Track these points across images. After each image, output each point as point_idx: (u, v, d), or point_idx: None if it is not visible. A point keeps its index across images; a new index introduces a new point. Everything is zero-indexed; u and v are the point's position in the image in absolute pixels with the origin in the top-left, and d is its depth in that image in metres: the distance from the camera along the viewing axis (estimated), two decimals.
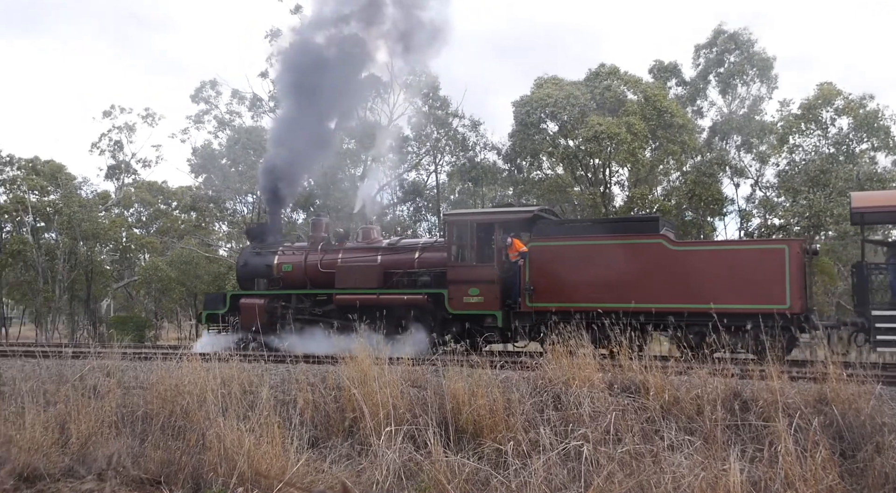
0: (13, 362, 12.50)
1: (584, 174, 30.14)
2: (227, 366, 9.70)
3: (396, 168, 36.60)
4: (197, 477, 7.01)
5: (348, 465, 7.35)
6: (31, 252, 37.54)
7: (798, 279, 13.66)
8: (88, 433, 8.07)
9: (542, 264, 15.64)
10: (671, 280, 14.40)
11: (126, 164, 47.11)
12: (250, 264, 19.61)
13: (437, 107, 33.93)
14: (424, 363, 10.37)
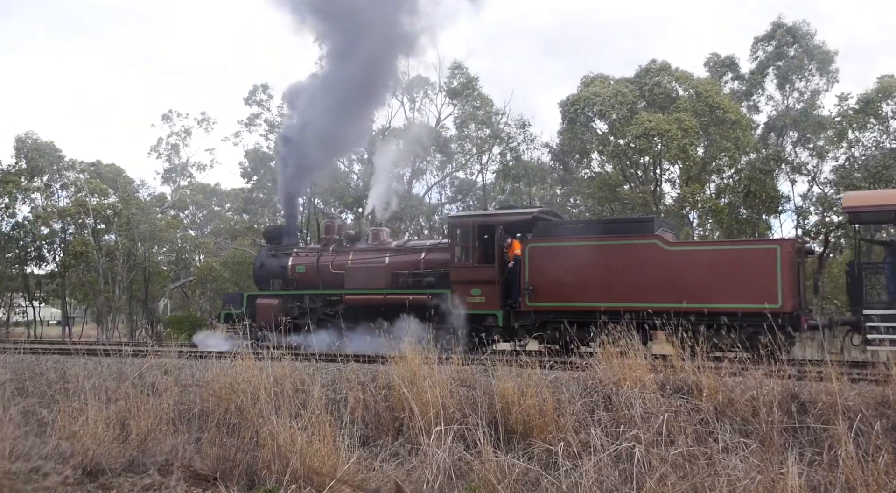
0: (76, 359, 12.96)
1: (633, 172, 29.77)
2: (280, 365, 9.87)
3: (444, 168, 36.73)
4: (251, 474, 7.15)
5: (398, 464, 7.41)
6: (93, 253, 38.78)
7: (790, 279, 13.70)
8: (147, 430, 8.29)
9: (541, 264, 15.91)
10: (666, 280, 14.55)
11: (182, 167, 48.30)
12: (266, 266, 20.26)
13: (479, 107, 33.93)
14: (473, 363, 10.41)
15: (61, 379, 11.15)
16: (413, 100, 37.52)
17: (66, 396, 9.41)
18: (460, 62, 35.16)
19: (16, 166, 43.71)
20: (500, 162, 34.62)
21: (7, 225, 43.74)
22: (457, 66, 34.81)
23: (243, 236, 39.91)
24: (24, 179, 43.73)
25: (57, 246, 43.63)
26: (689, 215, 29.27)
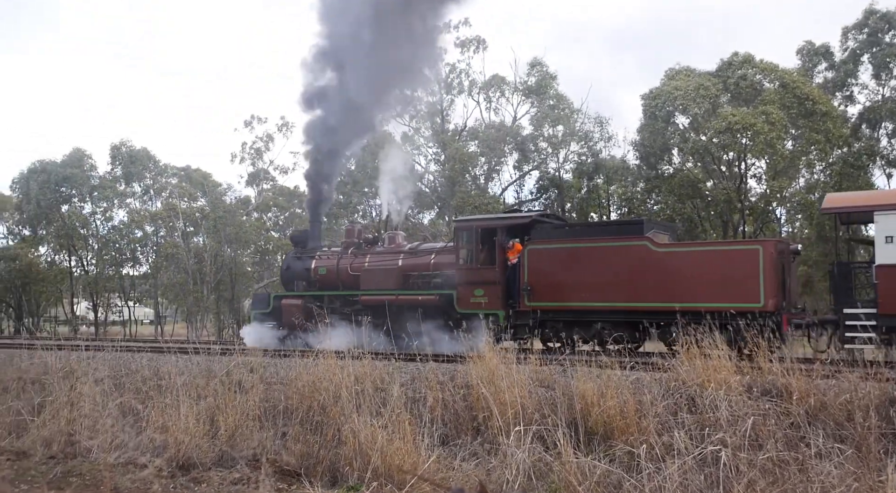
0: (168, 357, 13.51)
1: (717, 168, 28.90)
2: (360, 364, 10.02)
3: (520, 167, 36.56)
4: (334, 470, 7.28)
5: (478, 463, 7.41)
6: (183, 255, 40.35)
7: (772, 278, 14.12)
8: (235, 426, 8.56)
9: (538, 265, 16.62)
10: (655, 280, 15.02)
11: (264, 171, 49.70)
12: (292, 268, 21.63)
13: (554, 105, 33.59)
14: (552, 363, 10.32)
15: (155, 376, 11.64)
16: (489, 99, 37.54)
17: (160, 392, 9.82)
18: (540, 59, 34.95)
19: (112, 173, 46.01)
20: (577, 161, 34.22)
21: (104, 228, 46.10)
22: (536, 63, 34.60)
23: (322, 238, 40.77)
24: (120, 184, 46.01)
25: (149, 248, 45.70)
26: (777, 212, 28.20)
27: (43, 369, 12.71)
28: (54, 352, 13.79)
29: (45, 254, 48.38)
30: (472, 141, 36.14)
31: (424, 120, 38.09)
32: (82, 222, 45.22)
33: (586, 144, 33.45)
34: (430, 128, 37.96)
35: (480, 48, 37.09)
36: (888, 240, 13.98)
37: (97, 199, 45.41)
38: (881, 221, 14.06)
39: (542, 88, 33.73)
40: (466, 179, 34.37)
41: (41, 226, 45.55)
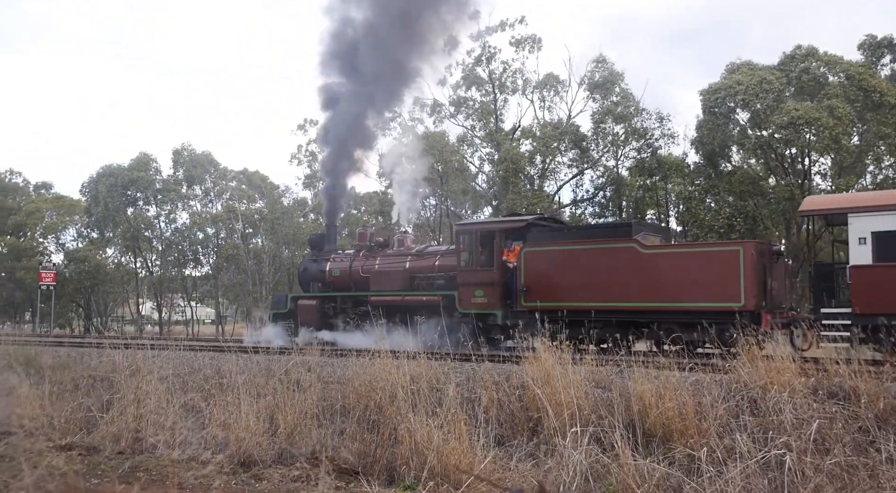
0: (229, 356, 13.83)
1: (779, 165, 28.10)
2: (416, 364, 10.08)
3: (576, 166, 36.21)
4: (391, 469, 7.34)
5: (534, 464, 7.37)
6: (242, 256, 41.22)
7: (753, 278, 14.57)
8: (294, 424, 8.71)
9: (534, 267, 17.31)
10: (643, 281, 15.58)
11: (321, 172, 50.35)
12: (309, 270, 22.68)
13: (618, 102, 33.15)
14: (608, 364, 10.21)
15: (216, 374, 11.93)
16: (543, 98, 37.30)
17: (221, 390, 10.05)
18: (605, 56, 34.60)
19: (174, 176, 47.34)
20: (636, 158, 33.72)
21: (168, 230, 47.46)
22: (601, 60, 34.24)
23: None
24: (182, 187, 47.30)
25: (210, 250, 46.87)
26: None
27: (111, 367, 13.16)
28: (121, 351, 14.26)
29: (113, 256, 50.08)
30: (525, 140, 35.95)
31: (478, 120, 38.08)
32: (147, 225, 46.65)
33: (646, 141, 32.94)
34: (484, 128, 37.93)
35: (535, 47, 36.92)
36: (861, 241, 14.31)
37: (161, 202, 46.77)
38: (854, 223, 14.41)
39: (607, 85, 33.32)
40: (521, 178, 34.20)
41: (109, 228, 47.12)
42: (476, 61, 37.52)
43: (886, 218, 14.07)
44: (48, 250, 52.51)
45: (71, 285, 46.55)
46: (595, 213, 36.51)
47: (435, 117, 39.09)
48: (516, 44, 36.95)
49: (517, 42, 36.92)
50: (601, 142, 34.14)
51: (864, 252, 14.20)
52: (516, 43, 36.93)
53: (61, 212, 52.22)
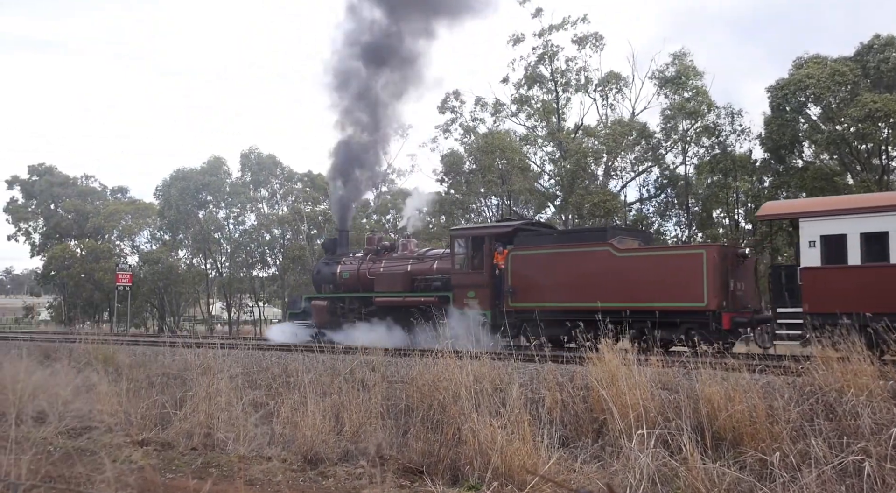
0: (296, 355, 14.12)
1: (854, 160, 27.04)
2: (479, 363, 10.09)
3: (641, 164, 35.62)
4: (455, 469, 7.36)
5: (600, 466, 7.29)
6: (307, 257, 41.96)
7: (715, 280, 15.60)
8: (359, 423, 8.83)
9: (520, 270, 18.44)
10: (618, 282, 16.65)
11: (383, 174, 50.86)
12: (322, 272, 24.14)
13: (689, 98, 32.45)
14: (674, 365, 10.03)
15: (283, 373, 12.19)
16: (605, 96, 36.84)
17: (288, 388, 10.27)
18: (681, 51, 33.94)
19: (242, 179, 48.54)
20: (705, 154, 32.96)
21: (237, 232, 48.72)
22: (678, 55, 33.61)
23: (438, 239, 41.33)
24: (249, 190, 48.47)
25: (277, 251, 47.89)
26: None
27: (183, 365, 13.59)
28: (193, 349, 14.70)
29: (184, 257, 51.69)
30: (587, 138, 35.54)
31: (540, 119, 37.84)
32: (217, 227, 47.97)
33: (717, 137, 32.15)
34: (546, 126, 37.67)
35: (598, 45, 36.50)
36: (811, 245, 15.15)
37: (230, 204, 48.04)
38: (804, 228, 15.24)
39: (679, 80, 32.64)
40: (586, 175, 33.84)
41: (180, 231, 48.65)
42: (539, 59, 37.32)
43: (833, 222, 14.95)
44: (124, 252, 54.59)
45: (145, 286, 48.25)
46: (660, 211, 35.89)
47: (496, 117, 39.02)
48: (578, 41, 36.58)
49: (579, 40, 36.55)
50: (669, 139, 33.49)
51: (813, 255, 15.02)
52: (578, 41, 36.57)
53: (136, 215, 54.19)
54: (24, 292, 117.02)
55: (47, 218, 60.19)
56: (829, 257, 14.85)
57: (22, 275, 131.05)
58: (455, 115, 39.73)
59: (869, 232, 14.49)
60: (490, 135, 36.07)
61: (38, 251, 60.28)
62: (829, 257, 14.85)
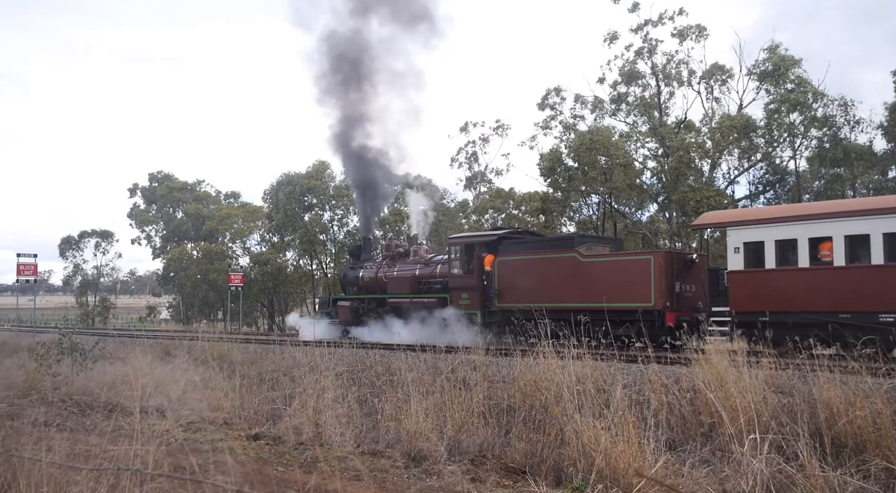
0: (398, 354, 14.37)
1: None
2: (581, 364, 9.96)
3: (748, 158, 34.20)
4: (558, 470, 7.30)
5: (709, 471, 7.05)
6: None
7: (661, 283, 17.62)
8: (461, 422, 8.89)
9: (504, 274, 20.87)
10: (583, 285, 18.96)
11: (481, 174, 50.94)
12: (347, 276, 27.02)
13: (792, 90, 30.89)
14: (789, 368, 9.63)
15: (387, 372, 12.44)
16: (710, 89, 35.60)
17: (391, 387, 10.46)
18: (777, 42, 32.49)
19: (345, 181, 49.80)
20: (816, 147, 31.30)
21: (341, 234, 50.03)
22: (773, 47, 32.17)
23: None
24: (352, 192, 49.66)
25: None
26: None
27: (292, 362, 14.10)
28: (301, 348, 15.23)
29: (291, 258, 53.53)
30: (689, 133, 34.43)
31: (640, 115, 36.96)
32: (322, 229, 49.42)
33: (829, 129, 30.46)
34: (647, 122, 36.76)
35: (700, 36, 35.32)
36: (736, 250, 16.90)
37: (334, 207, 49.40)
38: (731, 236, 17.08)
39: (779, 72, 31.21)
40: (691, 170, 32.79)
41: (288, 233, 50.41)
42: (637, 54, 36.46)
43: (754, 231, 16.71)
44: (236, 254, 57.08)
45: (256, 286, 50.27)
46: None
47: (596, 114, 38.40)
48: (679, 35, 35.52)
49: (679, 33, 35.48)
50: (776, 132, 32.00)
51: (738, 259, 16.84)
52: (679, 33, 35.50)
53: (247, 218, 56.58)
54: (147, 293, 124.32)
55: (166, 222, 63.81)
56: (750, 261, 16.69)
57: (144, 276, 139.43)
58: (555, 112, 39.36)
59: (782, 239, 16.27)
60: (592, 132, 35.52)
61: (158, 254, 64.06)
62: (750, 261, 16.69)
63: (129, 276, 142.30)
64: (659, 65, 36.02)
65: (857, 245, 15.58)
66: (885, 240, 15.08)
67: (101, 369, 14.59)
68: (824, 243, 15.87)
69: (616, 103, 37.28)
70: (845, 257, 15.55)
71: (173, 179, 64.68)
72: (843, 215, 15.79)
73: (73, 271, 70.97)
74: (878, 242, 15.13)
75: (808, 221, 16.12)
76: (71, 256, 70.79)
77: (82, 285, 70.47)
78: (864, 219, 15.41)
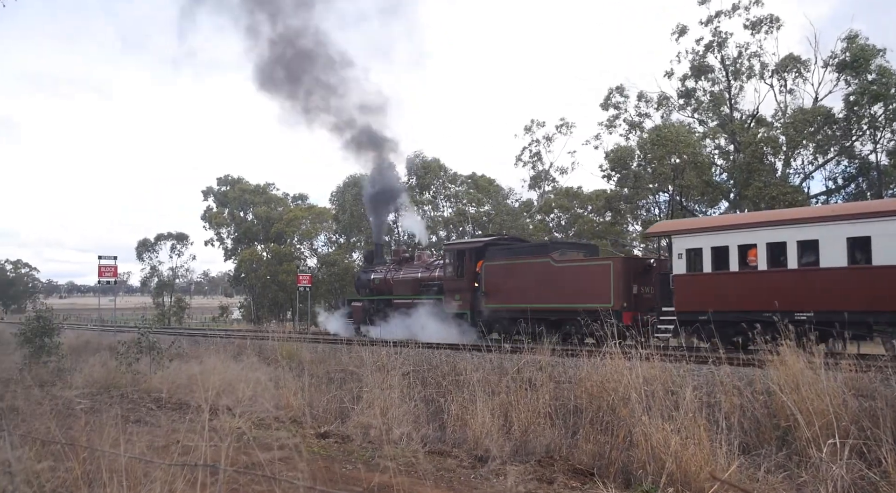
0: (463, 354, 14.39)
1: None
2: (649, 365, 9.77)
3: (825, 153, 32.97)
4: (627, 473, 7.18)
5: (786, 476, 6.82)
6: None
7: (619, 286, 19.66)
8: (527, 422, 8.84)
9: (490, 277, 23.20)
10: (554, 288, 21.12)
11: (545, 173, 50.59)
12: (361, 279, 29.40)
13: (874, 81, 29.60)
14: (870, 370, 9.24)
15: (452, 372, 12.46)
16: (783, 81, 34.49)
17: (457, 387, 10.47)
18: (856, 32, 31.24)
19: (408, 182, 50.18)
20: None
21: (405, 234, 50.45)
22: (852, 36, 30.95)
23: (603, 236, 40.46)
24: (416, 193, 50.01)
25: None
26: None
27: (359, 362, 14.27)
28: (368, 347, 15.41)
29: (357, 259, 54.28)
30: (762, 127, 33.40)
31: (709, 110, 36.08)
32: (388, 230, 49.97)
33: None
34: (717, 118, 35.84)
35: (773, 27, 34.25)
36: (679, 256, 18.85)
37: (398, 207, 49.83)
38: (675, 243, 19.03)
39: (858, 63, 29.98)
40: (762, 168, 31.81)
41: (354, 234, 51.12)
42: (707, 48, 35.60)
43: (694, 239, 18.64)
44: (304, 255, 58.18)
45: (323, 287, 51.15)
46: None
47: (662, 111, 37.68)
48: (751, 26, 34.51)
49: (752, 24, 34.48)
50: (855, 126, 30.74)
51: (681, 264, 18.80)
52: (751, 25, 34.50)
53: (314, 220, 57.63)
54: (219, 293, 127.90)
55: (237, 224, 65.52)
56: (691, 266, 18.64)
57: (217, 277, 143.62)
58: (618, 110, 38.77)
59: (717, 246, 18.18)
60: (662, 128, 34.84)
61: (229, 255, 65.81)
62: (691, 266, 18.64)
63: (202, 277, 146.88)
64: (730, 57, 35.07)
65: (777, 251, 17.36)
66: (798, 247, 16.91)
67: (177, 367, 15.09)
68: (751, 250, 17.79)
69: (684, 98, 36.47)
70: (767, 261, 17.45)
71: (244, 182, 66.37)
72: (765, 225, 17.74)
73: (150, 273, 73.68)
74: (794, 249, 16.98)
75: (738, 230, 18.17)
76: (148, 258, 73.50)
77: (159, 285, 73.06)
78: (782, 228, 17.37)
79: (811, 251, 16.82)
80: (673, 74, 36.97)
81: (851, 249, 16.18)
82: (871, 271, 15.77)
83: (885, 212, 15.96)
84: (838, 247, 16.25)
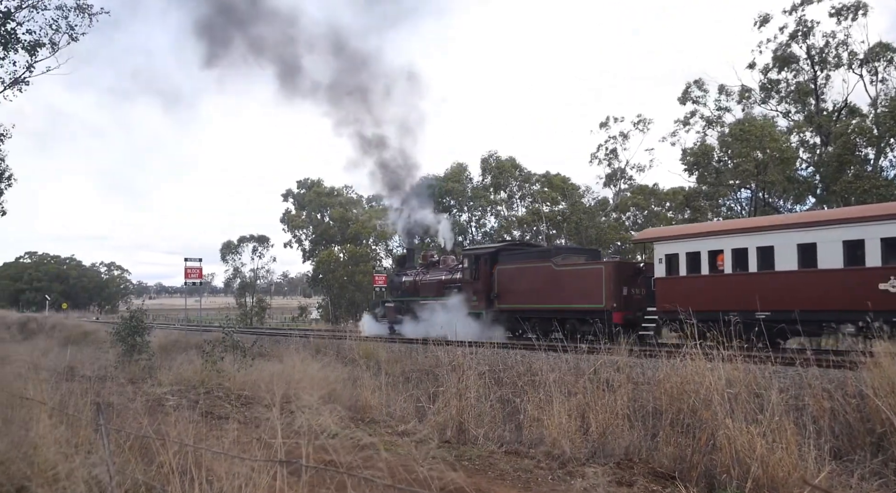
0: (539, 355, 14.29)
1: None
2: (732, 367, 9.48)
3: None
4: (710, 477, 6.99)
5: (881, 484, 6.51)
6: None
7: (610, 288, 21.57)
8: (605, 424, 8.71)
9: (502, 280, 25.39)
10: (555, 289, 23.17)
11: (621, 170, 49.75)
12: (394, 281, 31.97)
13: None
14: None
15: (528, 372, 12.40)
16: (874, 70, 32.91)
17: (533, 387, 10.40)
18: None
19: (482, 182, 50.22)
20: None
21: (478, 235, 50.51)
22: None
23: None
24: (490, 193, 49.99)
25: None
26: None
27: (435, 362, 14.37)
28: (443, 347, 15.50)
29: None
30: (854, 118, 31.92)
31: (794, 102, 34.73)
32: (460, 230, 50.12)
33: None
34: (802, 110, 34.47)
35: (861, 14, 32.72)
36: (660, 261, 20.79)
37: (472, 208, 49.94)
38: (657, 248, 21.03)
39: None
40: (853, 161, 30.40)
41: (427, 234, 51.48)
42: (791, 37, 34.30)
43: (672, 245, 20.72)
44: (379, 256, 58.96)
45: None
46: None
47: (744, 104, 36.53)
48: (837, 13, 33.08)
49: (837, 11, 33.03)
50: None
51: (661, 268, 20.80)
52: (837, 12, 33.06)
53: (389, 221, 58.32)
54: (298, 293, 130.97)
55: (315, 226, 66.96)
56: (669, 270, 20.60)
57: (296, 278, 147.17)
58: (697, 105, 37.80)
59: (691, 252, 20.14)
60: (746, 122, 33.75)
61: (308, 257, 67.34)
62: (669, 270, 20.60)
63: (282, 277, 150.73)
64: (816, 47, 33.69)
65: (741, 257, 19.16)
66: (757, 253, 18.74)
67: (259, 365, 15.53)
68: (720, 255, 19.66)
69: (766, 91, 35.24)
70: (732, 266, 19.35)
71: (321, 185, 67.75)
72: (730, 232, 19.67)
73: (233, 274, 76.07)
74: (754, 255, 18.79)
75: (708, 237, 20.13)
76: (231, 259, 75.91)
77: (241, 286, 75.36)
78: (745, 235, 19.20)
79: (769, 257, 18.61)
80: (755, 66, 35.76)
81: (801, 254, 17.98)
82: (817, 274, 17.66)
83: (827, 221, 17.67)
84: (790, 253, 18.12)
